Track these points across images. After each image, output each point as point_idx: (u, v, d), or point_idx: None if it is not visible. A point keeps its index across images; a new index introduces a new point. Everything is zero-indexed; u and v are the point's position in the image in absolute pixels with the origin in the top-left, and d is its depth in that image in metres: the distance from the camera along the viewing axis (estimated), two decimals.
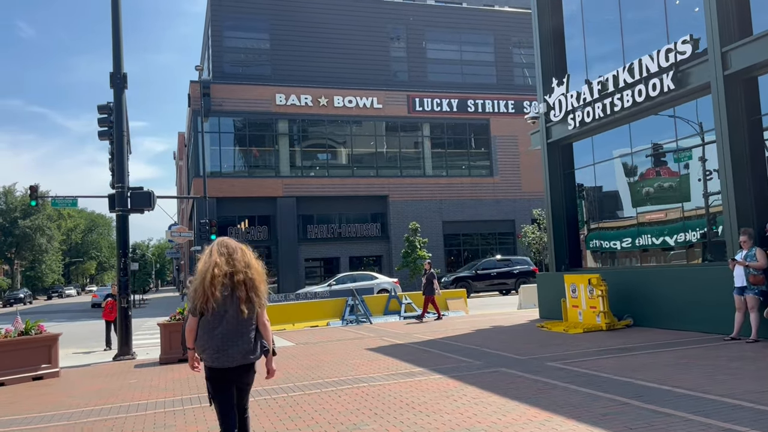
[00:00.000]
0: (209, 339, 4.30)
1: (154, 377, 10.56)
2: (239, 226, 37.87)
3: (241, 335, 4.33)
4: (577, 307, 13.98)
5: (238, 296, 4.32)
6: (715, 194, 12.18)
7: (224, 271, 4.34)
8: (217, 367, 4.32)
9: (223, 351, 4.28)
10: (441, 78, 43.60)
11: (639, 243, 14.18)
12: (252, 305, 4.38)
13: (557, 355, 10.10)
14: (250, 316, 4.38)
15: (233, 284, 4.34)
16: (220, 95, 37.81)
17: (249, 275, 4.42)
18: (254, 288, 4.41)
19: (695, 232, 12.80)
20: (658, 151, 13.72)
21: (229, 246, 4.50)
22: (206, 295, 4.27)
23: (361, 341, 13.84)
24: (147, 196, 13.69)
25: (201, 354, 4.37)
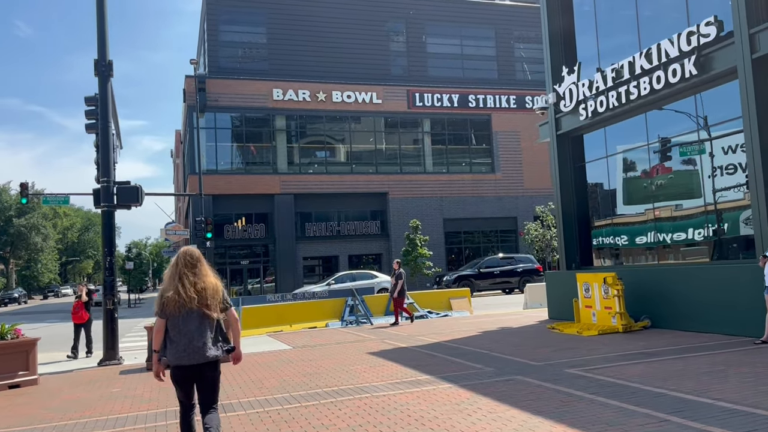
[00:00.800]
0: (175, 340, 4.80)
1: (138, 385, 9.77)
2: (236, 224, 37.06)
3: (202, 337, 4.81)
4: (591, 308, 13.21)
5: (200, 301, 4.83)
6: (737, 187, 11.41)
7: (190, 281, 4.88)
8: (181, 365, 4.80)
9: (187, 351, 4.76)
10: (441, 73, 42.79)
11: (657, 239, 13.40)
12: (212, 310, 4.88)
13: (575, 361, 9.31)
14: (212, 319, 4.90)
15: (196, 291, 4.86)
16: (215, 90, 36.97)
17: (209, 282, 4.97)
18: (215, 294, 4.94)
19: (719, 228, 12.02)
20: (676, 142, 12.93)
21: (193, 256, 5.05)
22: (173, 299, 4.79)
23: (362, 344, 13.05)
24: (134, 191, 12.88)
25: (167, 353, 4.83)
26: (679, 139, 12.80)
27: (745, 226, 11.42)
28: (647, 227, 13.66)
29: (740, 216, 11.50)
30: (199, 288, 4.87)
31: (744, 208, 11.34)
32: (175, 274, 4.96)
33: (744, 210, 11.37)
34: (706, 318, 11.33)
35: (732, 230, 11.85)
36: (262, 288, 37.32)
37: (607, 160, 14.67)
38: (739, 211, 11.53)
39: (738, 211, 11.57)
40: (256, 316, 17.64)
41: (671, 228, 13.12)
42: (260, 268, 37.93)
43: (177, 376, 4.87)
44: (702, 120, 12.02)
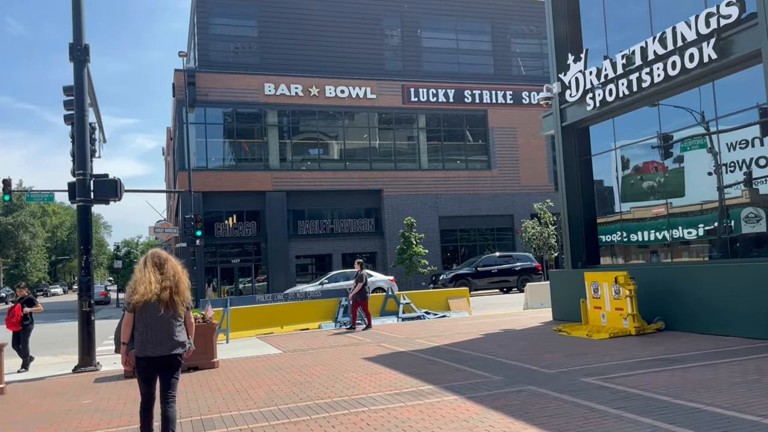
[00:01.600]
0: (142, 333, 5.23)
1: (113, 396, 8.91)
2: (226, 222, 36.15)
3: (169, 331, 5.25)
4: (600, 309, 12.43)
5: (166, 299, 5.26)
6: (762, 179, 10.65)
7: (157, 278, 5.30)
8: (146, 356, 5.21)
9: (153, 343, 5.20)
10: (437, 68, 41.96)
11: (671, 236, 12.63)
12: (178, 306, 5.32)
13: (591, 368, 8.53)
14: (177, 316, 5.33)
15: (162, 288, 5.28)
16: (206, 85, 36.02)
17: (175, 282, 5.36)
18: (179, 293, 5.36)
19: (742, 224, 11.26)
20: (690, 134, 12.16)
21: (161, 257, 5.46)
22: (141, 296, 5.21)
23: (358, 348, 12.24)
24: (113, 185, 12.01)
25: (134, 346, 5.25)
26: (694, 130, 12.03)
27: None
28: (660, 223, 12.90)
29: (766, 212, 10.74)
30: (165, 285, 5.32)
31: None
32: (143, 272, 5.39)
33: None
34: (726, 320, 10.58)
35: (746, 226, 11.09)
36: (254, 287, 36.44)
37: (615, 152, 13.90)
38: (765, 206, 10.78)
39: (764, 207, 10.81)
40: (245, 317, 16.81)
41: (686, 224, 12.36)
42: (251, 266, 37.04)
43: (143, 367, 5.29)
44: (718, 110, 11.25)
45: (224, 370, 10.50)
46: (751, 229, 11.14)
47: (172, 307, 5.28)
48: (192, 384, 9.40)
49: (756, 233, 11.08)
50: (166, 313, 5.26)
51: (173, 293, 5.30)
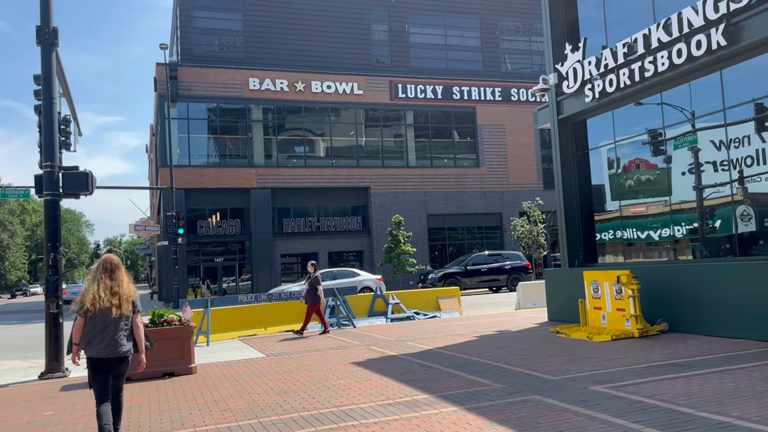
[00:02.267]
0: (93, 335, 5.54)
1: (77, 406, 8.16)
2: (210, 220, 35.27)
3: (117, 333, 5.58)
4: (600, 309, 11.84)
5: (116, 303, 5.58)
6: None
7: (107, 285, 5.63)
8: (97, 357, 5.54)
9: (103, 345, 5.52)
10: (424, 63, 41.31)
11: (675, 233, 12.07)
12: (126, 311, 5.63)
13: (599, 375, 7.90)
14: (126, 319, 5.65)
15: (112, 294, 5.60)
16: (188, 79, 35.11)
17: (125, 287, 5.69)
18: (129, 297, 5.67)
19: (754, 221, 10.71)
20: (697, 126, 11.60)
21: (113, 263, 5.78)
22: (93, 300, 5.54)
23: (345, 352, 11.55)
24: (83, 178, 11.22)
25: (86, 347, 5.55)
26: (698, 123, 11.47)
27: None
28: (662, 220, 12.34)
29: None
30: (115, 291, 5.65)
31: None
32: (95, 278, 5.71)
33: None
34: (735, 322, 10.02)
35: (765, 223, 10.55)
36: (238, 287, 35.60)
37: (615, 146, 13.30)
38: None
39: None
40: (227, 318, 16.06)
41: (691, 221, 11.80)
42: (235, 265, 36.19)
43: (95, 367, 5.62)
44: (729, 98, 10.68)
45: (202, 377, 9.77)
46: (763, 227, 10.59)
47: (122, 311, 5.62)
48: (166, 392, 8.67)
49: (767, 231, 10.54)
50: (116, 316, 5.59)
51: (122, 299, 5.65)
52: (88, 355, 5.59)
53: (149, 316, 10.33)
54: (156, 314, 10.28)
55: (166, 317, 10.29)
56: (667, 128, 12.00)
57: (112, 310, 5.55)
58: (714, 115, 11.11)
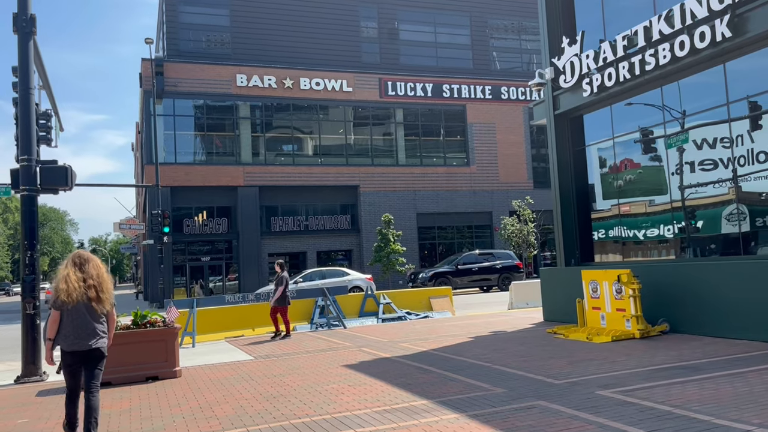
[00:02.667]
0: (68, 329, 5.64)
1: (53, 413, 7.68)
2: (196, 218, 34.69)
3: (91, 326, 5.69)
4: (599, 310, 11.51)
5: (89, 296, 5.70)
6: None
7: (78, 277, 5.74)
8: (72, 351, 5.64)
9: (78, 338, 5.63)
10: (414, 61, 40.92)
11: (678, 231, 11.75)
12: (101, 304, 5.75)
13: (604, 378, 7.55)
14: (100, 313, 5.77)
15: (86, 287, 5.72)
16: (174, 75, 34.51)
17: (97, 281, 5.78)
18: (102, 291, 5.78)
19: (755, 218, 10.42)
20: (700, 121, 11.29)
21: (83, 257, 5.91)
22: (65, 294, 5.61)
23: (337, 354, 11.13)
24: (62, 173, 10.72)
25: (62, 341, 5.65)
26: (699, 118, 11.16)
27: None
28: (663, 218, 12.03)
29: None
30: (88, 284, 5.71)
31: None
32: (66, 272, 5.74)
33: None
34: (739, 322, 9.72)
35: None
36: (224, 286, 35.06)
37: (613, 141, 12.98)
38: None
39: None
40: (214, 318, 15.59)
41: (693, 219, 11.50)
42: (222, 265, 35.64)
43: (69, 361, 5.66)
44: (733, 92, 10.38)
45: (187, 381, 9.31)
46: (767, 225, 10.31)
47: (96, 304, 5.68)
48: (149, 398, 8.21)
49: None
50: (90, 309, 5.66)
51: (98, 291, 5.71)
52: (63, 348, 5.64)
53: (131, 317, 9.87)
54: (138, 315, 9.81)
55: (150, 318, 9.83)
56: (668, 123, 11.69)
57: (86, 302, 5.64)
58: (717, 111, 10.80)
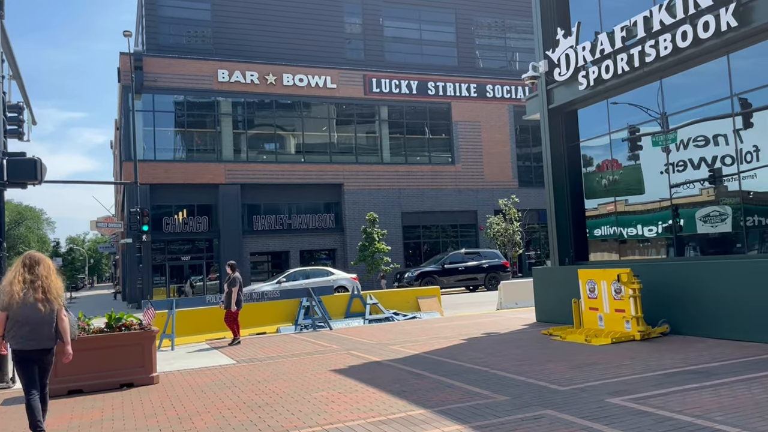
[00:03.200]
0: (18, 328, 5.72)
1: (18, 425, 7.05)
2: (176, 217, 33.89)
3: (41, 326, 5.77)
4: (597, 310, 11.10)
5: (38, 297, 5.77)
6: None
7: (27, 278, 5.83)
8: (22, 350, 5.75)
9: (28, 338, 5.72)
10: (399, 58, 40.42)
11: (676, 229, 11.37)
12: (50, 304, 5.82)
13: (611, 384, 7.10)
14: (50, 312, 5.82)
15: (34, 288, 5.79)
16: (154, 70, 33.68)
17: (46, 283, 5.87)
18: (50, 292, 5.85)
19: (759, 216, 10.06)
20: (702, 116, 10.92)
21: (33, 258, 6.00)
22: (12, 295, 5.71)
23: (325, 357, 10.59)
24: (30, 166, 10.04)
25: (11, 340, 5.76)
26: (703, 110, 10.79)
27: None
28: (663, 215, 11.64)
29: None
30: (37, 285, 5.78)
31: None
32: (16, 273, 5.85)
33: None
34: (745, 323, 9.34)
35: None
36: (205, 286, 34.31)
37: (610, 137, 12.58)
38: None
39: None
40: (194, 320, 14.99)
41: (693, 215, 11.12)
42: (203, 264, 34.87)
43: (20, 359, 5.76)
44: (738, 84, 10.00)
45: (165, 388, 8.72)
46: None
47: (44, 305, 5.74)
48: (122, 407, 7.62)
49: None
50: (38, 310, 5.72)
51: (46, 292, 5.78)
52: (13, 347, 5.75)
53: (105, 320, 9.26)
54: (113, 317, 9.19)
55: (125, 321, 9.21)
56: (669, 117, 11.30)
57: (34, 303, 5.71)
58: (720, 104, 10.43)
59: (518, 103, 41.25)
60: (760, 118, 9.85)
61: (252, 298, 15.37)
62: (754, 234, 10.24)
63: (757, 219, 10.10)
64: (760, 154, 9.84)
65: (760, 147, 9.82)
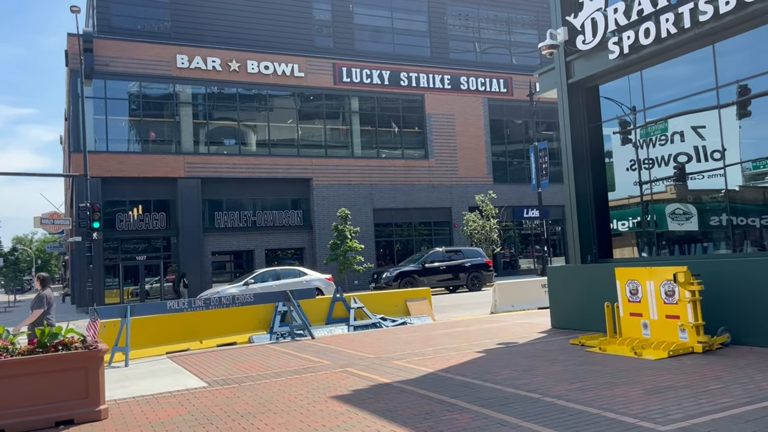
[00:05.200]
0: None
1: None
2: (131, 213, 31.24)
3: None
4: (640, 316, 9.36)
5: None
6: None
7: None
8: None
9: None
10: (370, 47, 38.47)
11: (735, 221, 9.74)
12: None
13: (725, 420, 5.30)
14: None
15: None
16: (106, 53, 30.96)
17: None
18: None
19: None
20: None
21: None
22: None
23: (317, 377, 8.58)
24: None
25: None
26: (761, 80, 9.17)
27: None
28: (712, 206, 9.99)
29: None
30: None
31: None
32: None
33: None
34: None
35: None
36: (162, 288, 31.75)
37: (645, 113, 10.87)
38: None
39: None
40: (152, 329, 12.81)
41: (756, 204, 9.49)
42: (160, 264, 32.28)
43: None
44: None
45: (116, 425, 6.61)
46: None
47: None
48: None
49: None
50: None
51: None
52: None
53: (36, 337, 7.07)
54: (47, 334, 7.01)
55: (62, 338, 7.05)
56: (721, 88, 9.64)
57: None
58: None
59: (493, 96, 39.85)
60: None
61: (222, 303, 13.18)
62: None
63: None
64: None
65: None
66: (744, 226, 9.83)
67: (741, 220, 9.82)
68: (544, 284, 18.06)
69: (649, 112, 10.70)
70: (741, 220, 9.82)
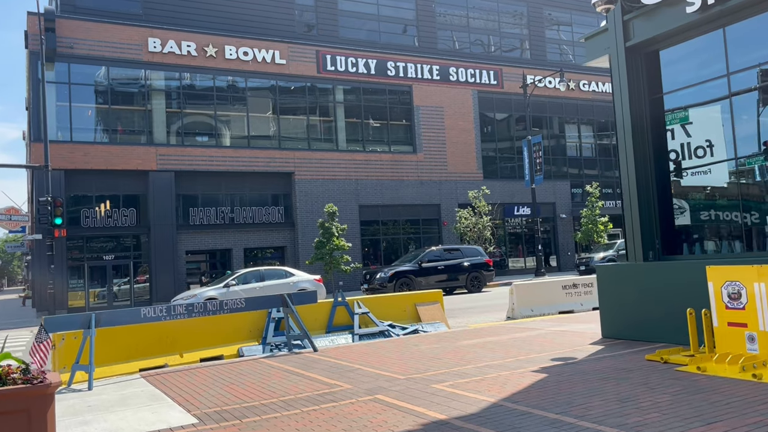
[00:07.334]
0: None
1: None
2: (97, 209, 28.73)
3: None
4: (745, 327, 7.49)
5: None
6: None
7: None
8: None
9: None
10: (355, 35, 36.42)
11: None
12: None
13: None
14: None
15: None
16: (70, 34, 28.43)
17: None
18: None
19: None
20: None
21: None
22: None
23: (342, 410, 6.52)
24: None
25: None
26: None
27: None
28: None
29: None
30: None
31: None
32: None
33: None
34: None
35: None
36: (132, 290, 29.28)
37: (728, 79, 9.02)
38: None
39: None
40: (122, 341, 10.68)
41: None
42: (130, 264, 29.80)
43: None
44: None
45: None
46: None
47: None
48: None
49: None
50: None
51: None
52: None
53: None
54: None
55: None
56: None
57: None
58: None
59: (483, 88, 38.17)
60: None
61: (207, 309, 10.99)
62: None
63: None
64: None
65: None
66: None
67: None
68: (565, 285, 16.33)
69: (734, 79, 8.84)
70: None
